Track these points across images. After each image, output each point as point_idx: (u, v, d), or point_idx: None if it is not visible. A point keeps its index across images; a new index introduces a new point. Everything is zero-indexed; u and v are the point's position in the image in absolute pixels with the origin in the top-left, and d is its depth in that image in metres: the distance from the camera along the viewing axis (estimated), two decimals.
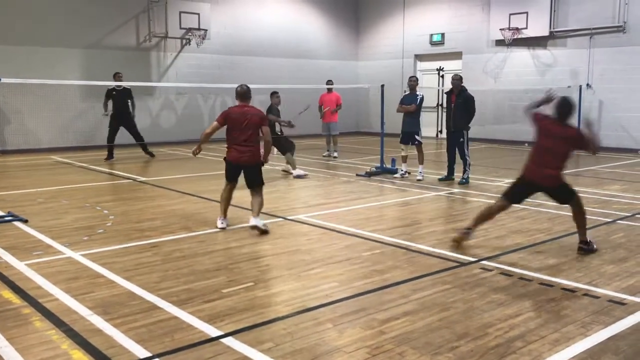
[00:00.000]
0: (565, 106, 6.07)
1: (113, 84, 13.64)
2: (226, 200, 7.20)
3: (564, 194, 6.11)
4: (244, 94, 7.24)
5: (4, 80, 9.45)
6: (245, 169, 7.08)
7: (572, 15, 16.81)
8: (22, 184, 10.53)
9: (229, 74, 18.95)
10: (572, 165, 13.45)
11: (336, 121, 14.85)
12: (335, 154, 14.65)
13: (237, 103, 7.26)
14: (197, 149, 7.46)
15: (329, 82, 15.26)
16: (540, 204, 8.60)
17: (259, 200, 7.00)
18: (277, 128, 11.69)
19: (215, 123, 7.25)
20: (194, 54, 18.51)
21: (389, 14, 21.83)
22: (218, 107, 19.32)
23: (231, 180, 7.22)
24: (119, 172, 11.94)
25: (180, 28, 17.66)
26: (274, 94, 12.07)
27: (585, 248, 6.03)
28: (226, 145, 7.25)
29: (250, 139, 7.04)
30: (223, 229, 7.01)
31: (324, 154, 14.81)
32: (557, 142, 5.88)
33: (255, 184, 7.07)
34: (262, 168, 7.20)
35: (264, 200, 7.09)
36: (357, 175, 11.55)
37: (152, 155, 14.49)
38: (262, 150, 7.29)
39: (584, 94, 16.59)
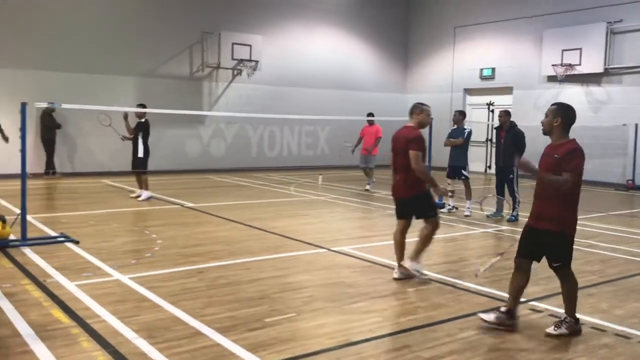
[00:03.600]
0: None
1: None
2: (398, 244, 6.32)
3: None
4: (410, 111, 6.35)
5: (64, 105, 9.82)
6: (403, 203, 6.29)
7: (629, 51, 16.46)
8: (75, 206, 10.85)
9: (278, 105, 19.25)
10: (625, 206, 13.03)
11: (375, 154, 14.58)
12: (368, 187, 14.40)
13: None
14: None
15: (370, 114, 15.07)
16: (592, 244, 8.34)
17: (421, 235, 6.28)
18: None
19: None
20: (245, 84, 18.90)
21: (439, 47, 21.86)
22: (266, 137, 19.64)
23: (398, 217, 6.42)
24: (167, 198, 12.19)
25: (232, 59, 18.09)
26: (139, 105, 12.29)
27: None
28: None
29: (400, 166, 6.16)
30: (397, 279, 6.17)
31: (367, 187, 14.59)
32: None
33: (422, 217, 6.29)
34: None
35: (426, 238, 6.27)
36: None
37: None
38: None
39: None
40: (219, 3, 18.34)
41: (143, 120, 12.10)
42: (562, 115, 4.70)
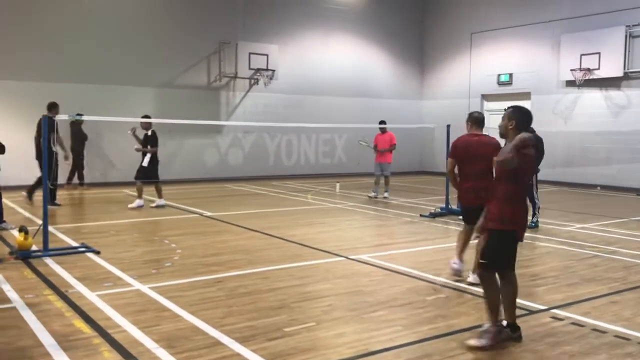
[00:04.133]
0: None
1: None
2: (462, 242, 6.71)
3: None
4: (480, 120, 6.69)
5: (85, 117, 9.97)
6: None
7: None
8: (96, 216, 10.97)
9: (295, 113, 19.31)
10: None
11: (389, 162, 14.32)
12: (386, 194, 14.14)
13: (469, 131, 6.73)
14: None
15: (382, 122, 14.79)
16: (614, 251, 8.24)
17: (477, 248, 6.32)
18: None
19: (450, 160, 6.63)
20: (262, 93, 18.99)
21: (455, 53, 21.79)
22: (284, 145, 19.70)
23: (471, 222, 6.44)
24: (186, 207, 12.27)
25: (249, 68, 18.20)
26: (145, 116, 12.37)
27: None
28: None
29: (479, 173, 6.34)
30: (458, 270, 6.57)
31: (370, 195, 14.31)
32: None
33: None
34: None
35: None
36: (421, 215, 11.41)
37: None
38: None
39: None
40: (235, 13, 18.49)
41: (150, 133, 12.24)
42: (517, 118, 4.75)
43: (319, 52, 20.40)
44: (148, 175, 12.11)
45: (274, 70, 18.46)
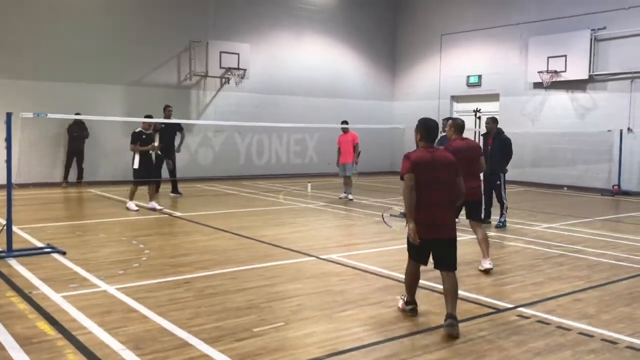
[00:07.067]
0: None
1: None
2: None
3: None
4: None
5: (50, 115, 9.74)
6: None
7: (613, 58, 16.65)
8: (62, 216, 10.77)
9: (266, 113, 19.25)
10: (611, 211, 13.14)
11: (352, 162, 14.13)
12: (350, 196, 13.95)
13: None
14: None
15: (344, 122, 14.67)
16: (579, 250, 8.40)
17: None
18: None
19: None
20: (233, 92, 18.88)
21: (425, 54, 21.99)
22: (255, 145, 19.61)
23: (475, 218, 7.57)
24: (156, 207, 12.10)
25: (220, 67, 18.08)
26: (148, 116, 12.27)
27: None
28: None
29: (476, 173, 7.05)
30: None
31: (341, 196, 14.20)
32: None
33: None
34: None
35: None
36: (391, 215, 11.47)
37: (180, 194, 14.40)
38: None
39: (624, 138, 16.29)
40: (206, 12, 18.35)
41: (137, 130, 12.08)
42: (420, 130, 5.42)
43: (291, 51, 20.37)
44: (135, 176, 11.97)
45: (245, 70, 18.36)
